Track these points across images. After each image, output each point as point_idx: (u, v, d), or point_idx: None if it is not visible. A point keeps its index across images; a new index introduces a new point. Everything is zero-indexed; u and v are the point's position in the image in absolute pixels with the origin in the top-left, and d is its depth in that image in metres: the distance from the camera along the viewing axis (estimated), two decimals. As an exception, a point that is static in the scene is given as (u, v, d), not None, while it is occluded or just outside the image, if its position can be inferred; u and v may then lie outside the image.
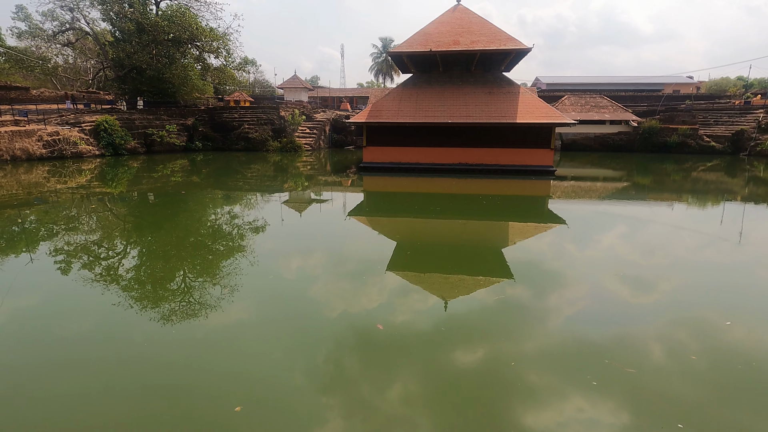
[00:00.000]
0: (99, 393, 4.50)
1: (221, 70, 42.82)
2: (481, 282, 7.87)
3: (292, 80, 49.43)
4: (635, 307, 6.81)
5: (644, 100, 48.96)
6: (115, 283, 7.60)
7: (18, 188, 16.83)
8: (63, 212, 13.47)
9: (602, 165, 30.43)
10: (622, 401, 4.42)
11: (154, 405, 4.33)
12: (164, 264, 8.85)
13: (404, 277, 8.00)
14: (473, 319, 6.31)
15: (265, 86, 67.62)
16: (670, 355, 5.34)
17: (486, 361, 5.22)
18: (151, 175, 22.02)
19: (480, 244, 10.90)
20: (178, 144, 33.29)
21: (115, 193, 16.87)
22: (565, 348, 5.46)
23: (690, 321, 6.34)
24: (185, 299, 6.98)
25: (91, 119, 29.52)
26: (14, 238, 10.58)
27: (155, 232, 11.54)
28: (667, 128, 37.84)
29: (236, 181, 21.37)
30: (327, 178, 22.76)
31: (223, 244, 10.41)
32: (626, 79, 61.71)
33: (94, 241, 10.57)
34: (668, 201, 17.32)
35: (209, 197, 17.09)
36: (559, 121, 21.78)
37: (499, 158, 23.04)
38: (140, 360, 5.15)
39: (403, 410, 4.27)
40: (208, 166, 26.86)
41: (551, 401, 4.43)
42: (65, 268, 8.45)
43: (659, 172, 27.09)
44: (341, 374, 4.90)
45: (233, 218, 13.33)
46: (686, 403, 4.42)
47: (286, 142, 35.71)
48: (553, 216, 14.27)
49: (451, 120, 22.19)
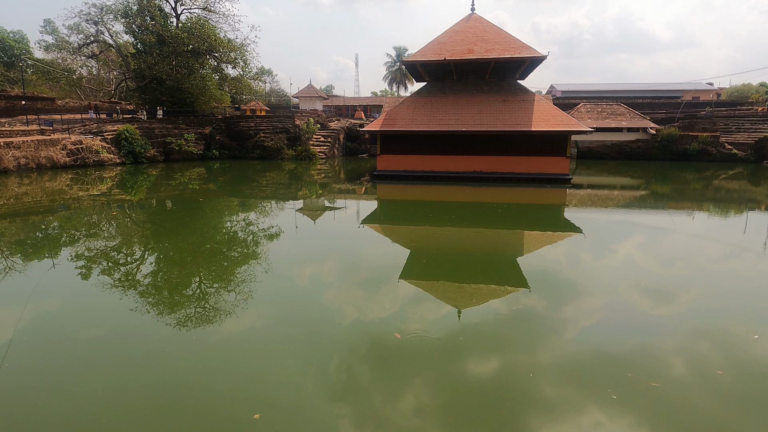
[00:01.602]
0: (117, 396, 4.57)
1: (238, 79, 43.68)
2: (496, 291, 7.77)
3: (307, 89, 50.12)
4: (656, 318, 6.64)
5: (662, 107, 48.16)
6: (133, 289, 7.74)
7: (42, 195, 17.36)
8: (84, 219, 13.82)
9: (619, 173, 29.94)
10: (642, 416, 4.29)
11: (173, 409, 4.37)
12: (181, 270, 8.98)
13: (418, 286, 7.96)
14: (488, 329, 6.22)
15: (281, 95, 68.70)
16: (693, 369, 5.17)
17: (501, 372, 5.13)
18: (169, 182, 22.47)
19: (495, 253, 10.79)
20: (196, 152, 33.96)
21: (134, 201, 17.26)
22: (582, 360, 5.34)
23: (715, 334, 6.14)
24: (201, 305, 7.06)
25: (113, 128, 30.36)
26: (38, 244, 10.89)
27: (173, 239, 11.74)
28: (687, 136, 37.10)
29: (252, 188, 21.65)
30: (341, 186, 22.90)
31: (239, 251, 10.52)
32: (644, 86, 60.84)
33: (114, 247, 10.80)
34: (688, 210, 16.91)
35: (225, 205, 17.34)
36: (574, 129, 21.55)
37: (514, 166, 22.86)
38: (158, 364, 5.22)
39: (416, 421, 4.21)
40: (225, 174, 27.29)
41: (569, 414, 4.32)
42: (86, 273, 8.65)
43: (679, 180, 26.50)
44: (355, 382, 4.87)
45: (248, 225, 13.48)
46: (710, 419, 4.26)
47: (301, 151, 36.11)
48: (569, 225, 14.06)
49: (465, 128, 22.16)
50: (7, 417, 4.23)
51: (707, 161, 35.33)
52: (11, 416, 4.25)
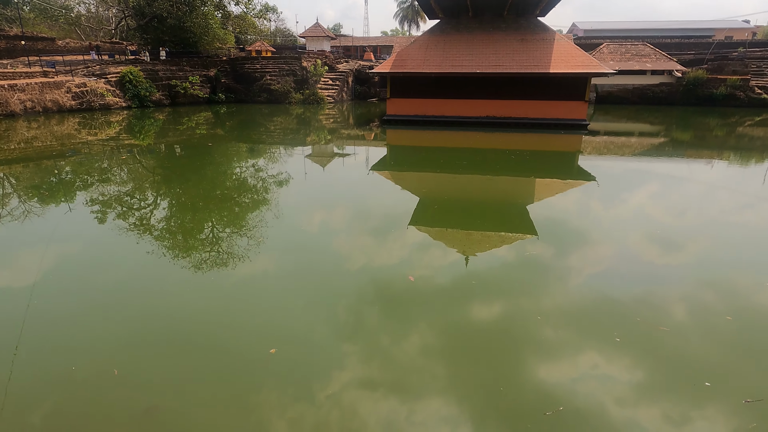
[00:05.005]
0: (137, 332, 4.82)
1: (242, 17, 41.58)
2: (505, 238, 7.80)
3: (314, 29, 47.67)
4: (667, 267, 6.65)
5: (692, 48, 45.14)
6: (149, 233, 7.93)
7: (52, 140, 17.36)
8: (96, 164, 13.89)
9: (639, 119, 28.79)
10: (646, 358, 4.43)
11: (193, 344, 4.62)
12: (193, 215, 9.13)
13: (426, 232, 8.01)
14: (495, 275, 6.32)
15: (287, 35, 65.63)
16: (703, 315, 5.26)
17: (507, 316, 5.27)
18: (176, 127, 22.24)
19: (505, 200, 10.71)
20: (202, 96, 33.26)
21: (143, 146, 17.21)
22: (589, 305, 5.44)
23: (727, 283, 6.16)
24: (215, 249, 7.24)
25: (116, 70, 29.61)
26: (53, 188, 11.06)
27: (183, 185, 11.82)
28: (714, 79, 35.03)
29: (260, 134, 21.37)
30: (350, 131, 22.47)
31: (249, 197, 10.59)
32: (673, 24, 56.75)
33: (127, 192, 10.94)
34: (707, 158, 16.39)
35: (234, 150, 17.23)
36: (595, 71, 20.45)
37: (529, 111, 22.06)
38: (176, 304, 5.46)
39: (422, 361, 4.41)
40: (232, 119, 26.87)
41: (573, 356, 4.48)
42: (101, 217, 8.84)
43: (701, 126, 25.45)
44: (364, 323, 5.07)
45: (258, 171, 13.46)
46: (715, 363, 4.39)
47: (309, 94, 35.13)
48: (583, 172, 13.78)
49: (479, 69, 21.15)
50: (41, 344, 4.53)
51: (734, 107, 33.61)
52: (44, 344, 4.54)
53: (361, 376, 4.17)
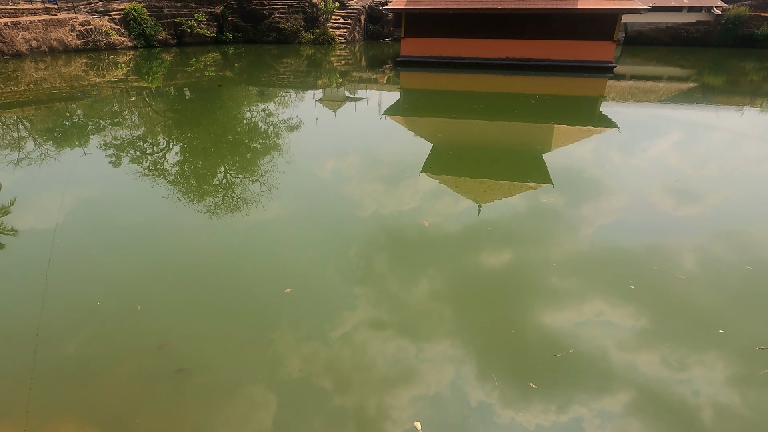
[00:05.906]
0: (155, 272, 5.02)
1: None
2: (520, 187, 7.68)
3: (324, -41, 44.36)
4: (685, 218, 6.53)
5: (736, -20, 41.08)
6: (163, 178, 8.00)
7: (61, 81, 17.13)
8: (106, 107, 13.77)
9: (670, 62, 27.03)
10: (661, 306, 4.47)
11: (209, 285, 4.80)
12: (206, 160, 9.13)
13: (439, 180, 7.92)
14: (507, 224, 6.30)
15: (295, -33, 61.36)
16: (718, 265, 5.23)
17: (521, 263, 5.31)
18: (185, 69, 21.67)
19: (522, 148, 10.42)
20: (209, 35, 32.03)
21: (152, 88, 16.90)
22: (603, 254, 5.43)
23: (744, 233, 6.04)
24: (228, 194, 7.30)
25: (120, 7, 28.41)
26: (66, 132, 11.07)
27: (195, 129, 11.72)
28: (758, 16, 32.18)
29: (269, 76, 20.74)
30: (362, 74, 21.63)
31: (260, 143, 10.50)
32: (719, -48, 51.20)
33: (139, 136, 10.91)
34: (738, 105, 15.49)
35: (244, 94, 16.84)
36: (627, 7, 18.94)
37: (552, 52, 20.82)
38: (192, 247, 5.61)
39: (433, 304, 4.53)
40: (241, 60, 26.01)
41: (585, 302, 4.55)
42: (116, 161, 8.90)
43: (735, 70, 23.82)
44: (375, 267, 5.17)
45: (268, 116, 13.22)
46: (730, 312, 4.42)
47: (319, 34, 33.53)
48: (604, 119, 13.22)
49: (500, 5, 19.75)
50: (67, 280, 4.76)
51: (774, 48, 31.19)
52: (69, 280, 4.78)
53: (372, 317, 4.32)
